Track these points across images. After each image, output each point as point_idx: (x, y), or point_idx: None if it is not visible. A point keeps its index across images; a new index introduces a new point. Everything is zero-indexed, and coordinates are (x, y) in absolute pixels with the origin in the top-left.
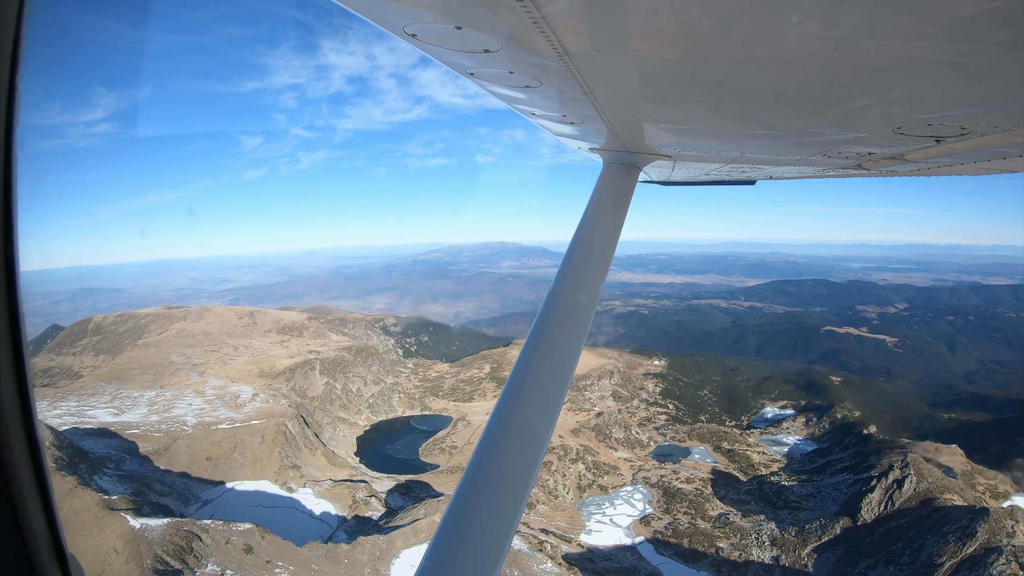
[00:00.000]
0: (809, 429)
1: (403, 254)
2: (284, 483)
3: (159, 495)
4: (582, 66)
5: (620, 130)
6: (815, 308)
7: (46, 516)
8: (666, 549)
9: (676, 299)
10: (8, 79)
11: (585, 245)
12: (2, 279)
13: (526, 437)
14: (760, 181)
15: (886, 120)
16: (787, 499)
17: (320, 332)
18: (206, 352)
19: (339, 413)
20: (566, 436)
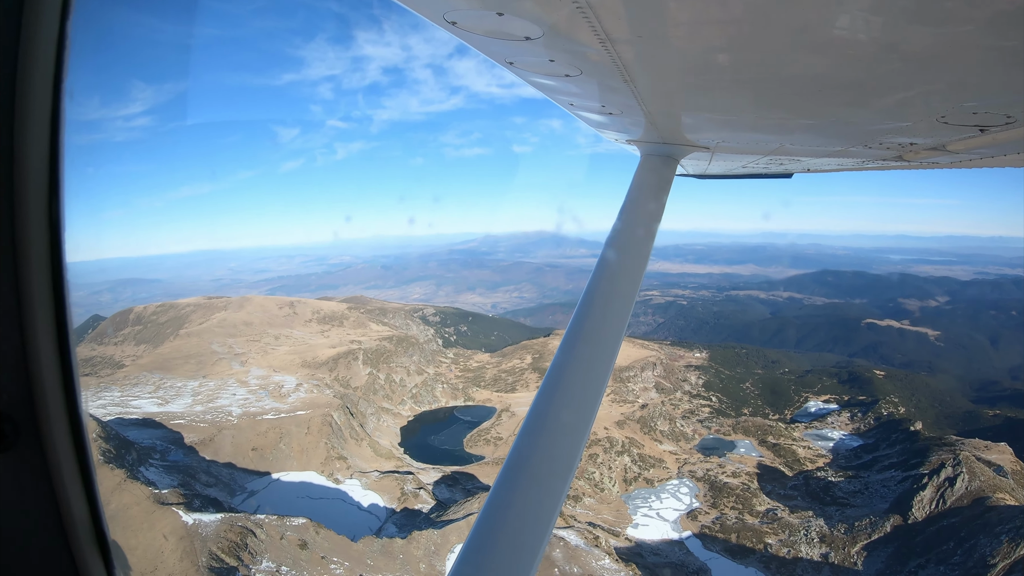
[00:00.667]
0: (854, 424)
1: (440, 243)
2: (331, 474)
3: (205, 486)
4: (624, 53)
5: (659, 121)
6: (855, 300)
7: (88, 501)
8: (714, 544)
9: (715, 290)
10: (54, 75)
11: (624, 237)
12: (48, 271)
13: (566, 429)
14: (797, 174)
15: (930, 108)
16: (835, 495)
17: (360, 322)
18: (248, 342)
19: (382, 403)
20: (611, 428)
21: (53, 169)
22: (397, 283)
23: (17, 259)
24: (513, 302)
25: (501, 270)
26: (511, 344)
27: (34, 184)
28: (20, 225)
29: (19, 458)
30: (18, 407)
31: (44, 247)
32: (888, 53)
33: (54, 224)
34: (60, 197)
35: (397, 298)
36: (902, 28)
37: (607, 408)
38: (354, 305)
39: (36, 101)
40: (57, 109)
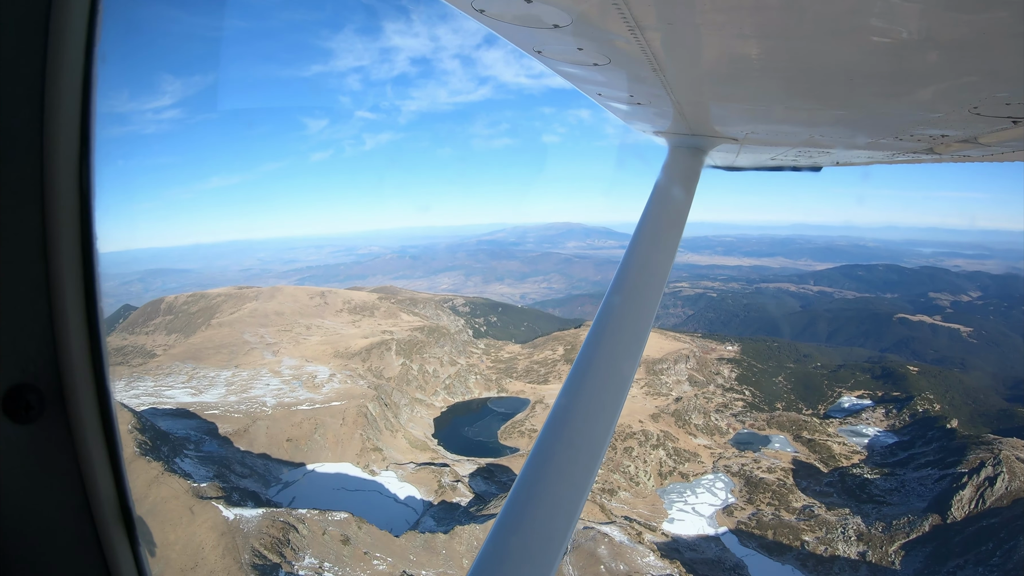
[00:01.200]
0: (889, 421)
1: (467, 234)
2: (366, 466)
3: (240, 477)
4: (653, 41)
5: (688, 111)
6: (886, 294)
7: (114, 475)
8: (750, 541)
9: (744, 282)
10: (84, 69)
11: (651, 231)
12: (77, 241)
13: (592, 421)
14: (827, 167)
15: (962, 98)
16: (871, 493)
17: (391, 312)
18: (279, 332)
19: (415, 394)
20: (646, 421)
21: (84, 161)
22: (425, 273)
23: (46, 229)
24: (542, 292)
25: (529, 261)
26: (541, 335)
27: (64, 157)
28: (49, 197)
29: (44, 430)
30: (44, 378)
31: (73, 218)
32: (920, 42)
33: (84, 196)
34: (90, 169)
35: (425, 288)
36: (935, 16)
37: (641, 401)
38: (384, 295)
39: (66, 91)
40: (88, 100)
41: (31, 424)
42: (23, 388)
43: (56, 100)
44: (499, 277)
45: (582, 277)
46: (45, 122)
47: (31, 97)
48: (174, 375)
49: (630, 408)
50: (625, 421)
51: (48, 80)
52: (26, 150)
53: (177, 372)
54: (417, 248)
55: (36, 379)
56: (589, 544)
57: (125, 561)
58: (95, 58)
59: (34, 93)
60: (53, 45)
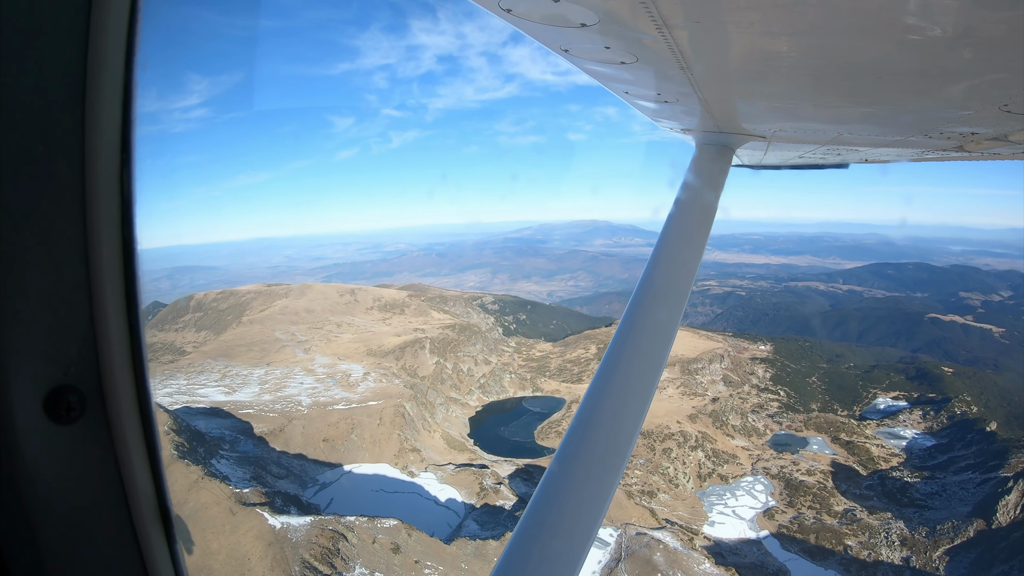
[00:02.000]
0: (927, 423)
1: (494, 231)
2: (404, 467)
3: (276, 478)
4: (681, 39)
5: (715, 109)
6: (916, 293)
7: (152, 474)
8: (792, 545)
9: (773, 280)
10: (124, 70)
11: (679, 229)
12: (118, 244)
13: (618, 424)
14: (854, 165)
15: (993, 95)
16: (912, 497)
17: (422, 310)
18: (310, 329)
19: (450, 393)
20: (684, 422)
21: (125, 161)
22: (452, 271)
23: (88, 232)
24: (569, 291)
25: (556, 259)
26: (571, 333)
27: (104, 160)
28: (91, 199)
29: (85, 430)
30: (85, 380)
31: (114, 220)
32: (951, 39)
33: (125, 197)
34: (131, 175)
35: (452, 285)
36: (966, 13)
37: (677, 401)
38: (414, 293)
39: (107, 88)
40: (128, 102)
41: (72, 425)
42: (64, 389)
43: (96, 103)
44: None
45: (609, 275)
46: (86, 125)
47: (73, 99)
48: (206, 373)
49: (667, 408)
50: (663, 421)
51: (89, 82)
52: (68, 154)
53: (209, 370)
54: (444, 245)
55: (77, 380)
56: (644, 551)
57: (162, 558)
58: (135, 59)
59: (76, 96)
60: (94, 46)
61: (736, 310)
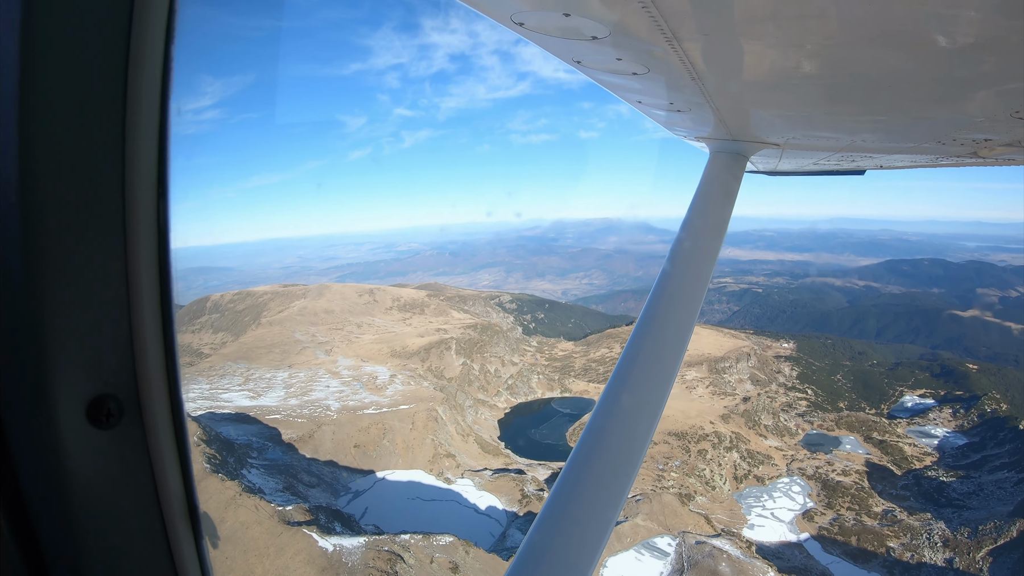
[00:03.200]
0: (957, 421)
1: (507, 230)
2: (440, 473)
3: (307, 487)
4: (691, 51)
5: (728, 117)
6: (932, 289)
7: (183, 475)
8: (834, 547)
9: (788, 277)
10: (162, 74)
11: (693, 236)
12: (155, 260)
13: (631, 429)
14: (869, 171)
15: (1004, 103)
16: (949, 496)
17: (441, 309)
18: (330, 330)
19: (477, 395)
20: (717, 423)
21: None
22: (466, 270)
23: (127, 250)
24: (584, 289)
25: (570, 257)
26: (591, 332)
27: (143, 171)
28: (130, 215)
29: (122, 435)
30: (123, 388)
31: (152, 232)
32: (960, 48)
33: (161, 214)
34: (167, 185)
35: (467, 284)
36: (975, 22)
37: (708, 401)
38: (432, 292)
39: (146, 97)
40: (165, 105)
41: (111, 430)
42: (105, 398)
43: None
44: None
45: (623, 273)
46: (127, 133)
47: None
48: (228, 376)
49: (699, 408)
50: (696, 422)
51: (130, 86)
52: (110, 164)
53: (231, 373)
54: (457, 244)
55: (116, 389)
56: (707, 560)
57: (189, 553)
58: (172, 63)
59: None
60: (135, 50)
61: (753, 307)
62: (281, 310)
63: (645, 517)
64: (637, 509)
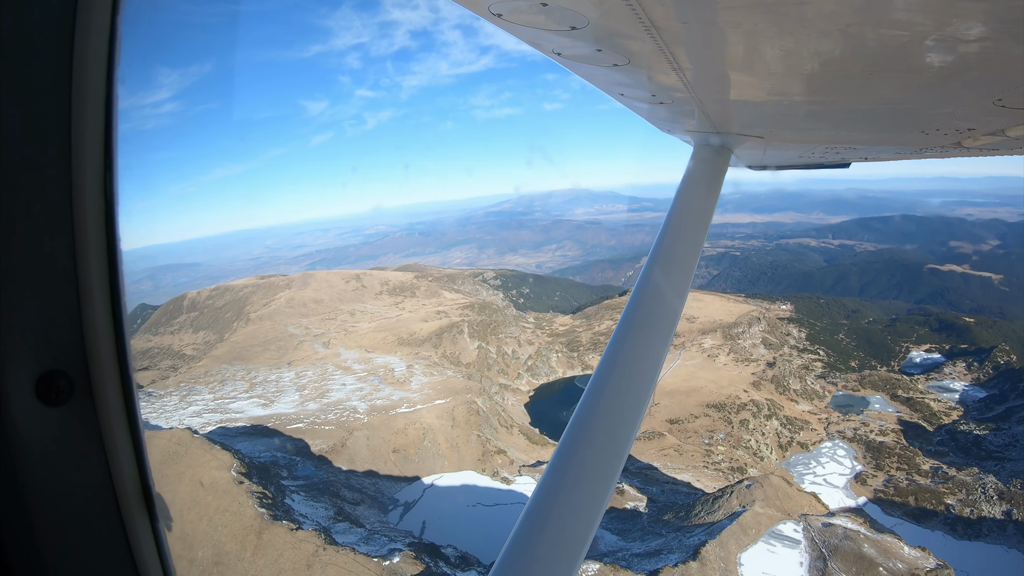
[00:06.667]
0: (972, 374)
1: (474, 207)
2: (494, 473)
3: (352, 504)
4: (671, 41)
5: (711, 109)
6: (906, 245)
7: (135, 455)
8: (894, 509)
9: (763, 239)
10: (107, 70)
11: (678, 229)
12: (101, 231)
13: (617, 424)
14: (849, 156)
15: (986, 91)
16: (987, 450)
17: (432, 291)
18: (323, 321)
19: (499, 379)
20: (750, 390)
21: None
22: (437, 248)
23: (75, 228)
24: (558, 261)
25: (541, 230)
26: (581, 305)
27: (90, 156)
28: (77, 190)
29: (72, 413)
30: (73, 365)
31: (99, 211)
32: (940, 36)
33: (108, 188)
34: (113, 158)
35: (440, 263)
36: (954, 9)
37: (734, 369)
38: (418, 274)
39: (90, 92)
40: (110, 99)
41: (61, 407)
42: (54, 374)
43: (82, 101)
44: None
45: (596, 243)
46: (73, 123)
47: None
48: (229, 382)
49: (729, 377)
50: (731, 391)
51: (75, 82)
52: (56, 153)
53: (231, 378)
54: (425, 224)
55: (66, 365)
56: (846, 544)
57: (145, 535)
58: (117, 59)
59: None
60: (80, 48)
61: (733, 270)
62: (266, 303)
63: (762, 504)
64: (752, 496)
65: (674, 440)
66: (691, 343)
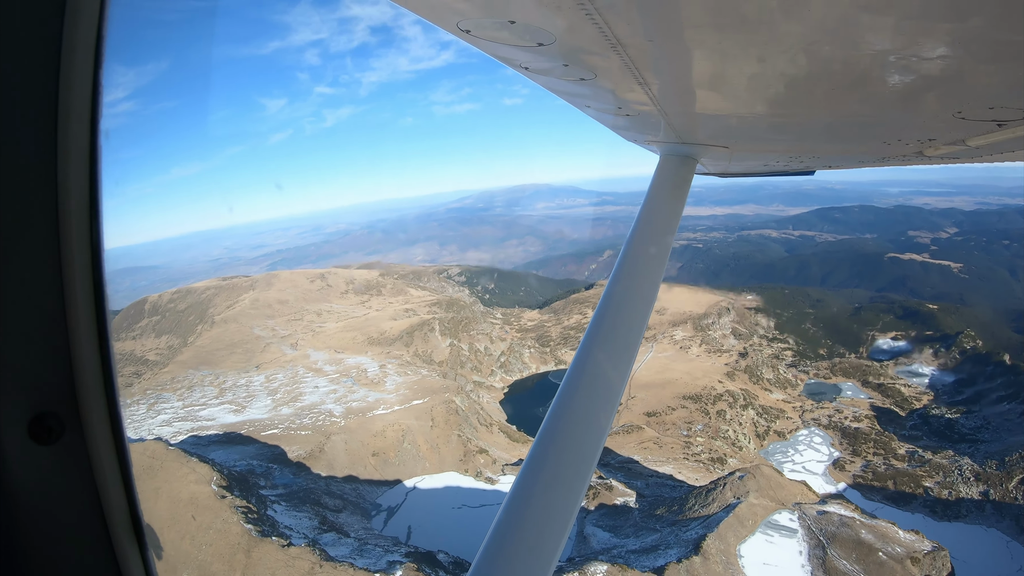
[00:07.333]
0: (940, 360)
1: (435, 203)
2: (478, 473)
3: (334, 512)
4: (636, 57)
5: (676, 121)
6: (866, 235)
7: (125, 488)
8: (874, 494)
9: (725, 231)
10: (92, 74)
11: (645, 238)
12: (88, 276)
13: (584, 432)
14: (814, 162)
15: (945, 104)
16: (960, 432)
17: (398, 288)
18: (289, 322)
19: (472, 377)
20: (725, 381)
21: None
22: (399, 245)
23: (63, 271)
24: (520, 256)
25: (502, 225)
26: (547, 299)
27: (75, 188)
28: (65, 234)
29: (64, 450)
30: (62, 403)
31: (85, 253)
32: (900, 51)
33: (94, 230)
34: (98, 202)
35: (401, 260)
36: (912, 25)
37: (707, 360)
38: (383, 272)
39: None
40: (95, 108)
41: (53, 445)
42: (46, 415)
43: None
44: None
45: (557, 237)
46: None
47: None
48: (197, 388)
49: (703, 368)
50: (706, 383)
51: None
52: (40, 200)
53: (200, 384)
54: (386, 222)
55: (56, 405)
56: (844, 531)
57: (135, 565)
58: (102, 68)
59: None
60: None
61: (696, 262)
62: (230, 305)
63: (756, 494)
64: (745, 487)
65: (653, 433)
66: (663, 335)
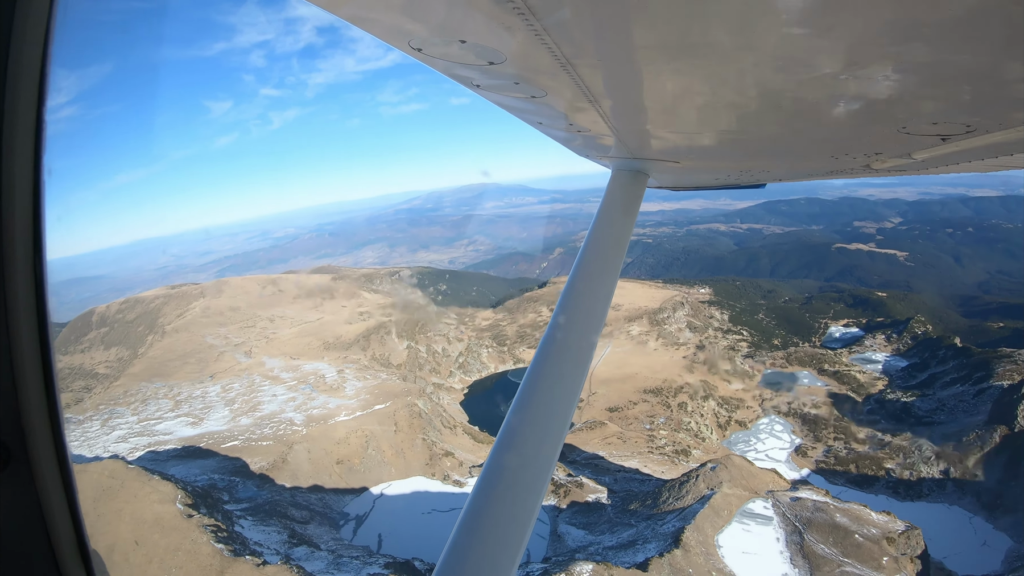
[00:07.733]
0: (892, 345)
1: (383, 205)
2: (445, 476)
3: (302, 524)
4: (586, 76)
5: (627, 138)
6: (812, 226)
7: (71, 514)
8: (836, 478)
9: (674, 226)
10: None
11: (597, 252)
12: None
13: (539, 444)
14: (764, 176)
15: (890, 120)
16: (916, 415)
17: (350, 292)
18: (242, 329)
19: (431, 379)
20: (684, 374)
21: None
22: (348, 248)
23: (5, 281)
24: (470, 256)
25: (451, 225)
26: (500, 298)
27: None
28: (6, 246)
29: (10, 479)
30: (8, 432)
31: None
32: (841, 68)
33: (38, 240)
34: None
35: (351, 264)
36: (853, 44)
37: (665, 354)
38: (334, 276)
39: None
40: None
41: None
42: None
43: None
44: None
45: (507, 236)
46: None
47: None
48: (151, 401)
49: (662, 362)
50: (666, 376)
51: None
52: None
53: (153, 397)
54: (334, 225)
55: (2, 436)
56: (819, 516)
57: None
58: (48, 77)
59: None
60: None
61: (647, 257)
62: (180, 314)
63: (729, 484)
64: (718, 477)
65: (616, 428)
66: (619, 331)
